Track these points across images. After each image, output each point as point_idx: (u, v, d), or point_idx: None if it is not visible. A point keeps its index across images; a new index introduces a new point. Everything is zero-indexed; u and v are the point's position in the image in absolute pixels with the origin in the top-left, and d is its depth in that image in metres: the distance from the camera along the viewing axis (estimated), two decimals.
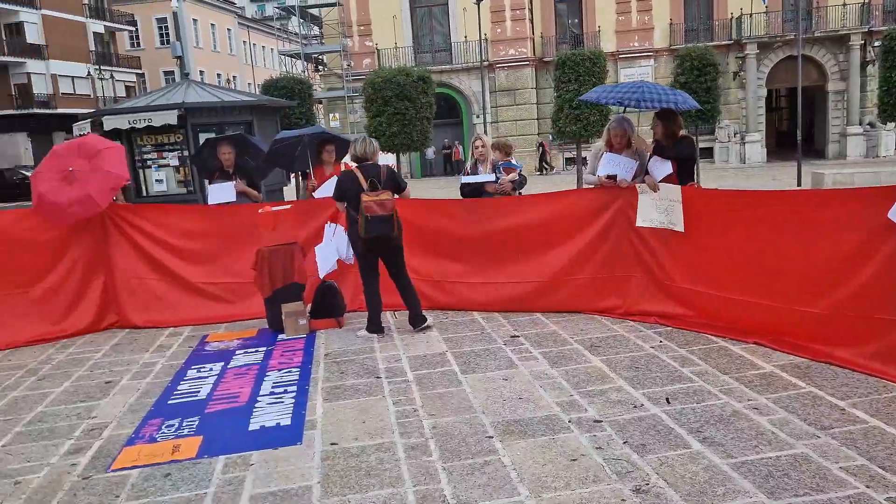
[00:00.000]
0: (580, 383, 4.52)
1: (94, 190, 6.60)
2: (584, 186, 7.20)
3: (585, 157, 9.18)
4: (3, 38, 46.18)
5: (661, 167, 5.85)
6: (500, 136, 7.10)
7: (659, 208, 5.79)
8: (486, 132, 25.68)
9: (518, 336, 5.74)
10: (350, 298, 6.79)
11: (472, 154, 7.24)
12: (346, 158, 7.04)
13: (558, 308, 6.32)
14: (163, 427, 4.26)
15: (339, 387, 4.79)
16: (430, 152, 33.17)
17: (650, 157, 5.97)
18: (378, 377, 4.93)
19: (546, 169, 32.52)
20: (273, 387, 4.89)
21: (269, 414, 4.37)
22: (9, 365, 5.91)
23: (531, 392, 4.44)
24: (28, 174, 32.05)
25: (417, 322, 6.05)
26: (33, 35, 47.47)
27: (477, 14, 28.60)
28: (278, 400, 4.62)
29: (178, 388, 5.01)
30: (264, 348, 5.91)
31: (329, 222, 6.68)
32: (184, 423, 4.29)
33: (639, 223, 5.94)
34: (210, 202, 7.30)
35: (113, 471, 3.68)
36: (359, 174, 5.83)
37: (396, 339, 5.88)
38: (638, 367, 4.75)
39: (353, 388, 4.73)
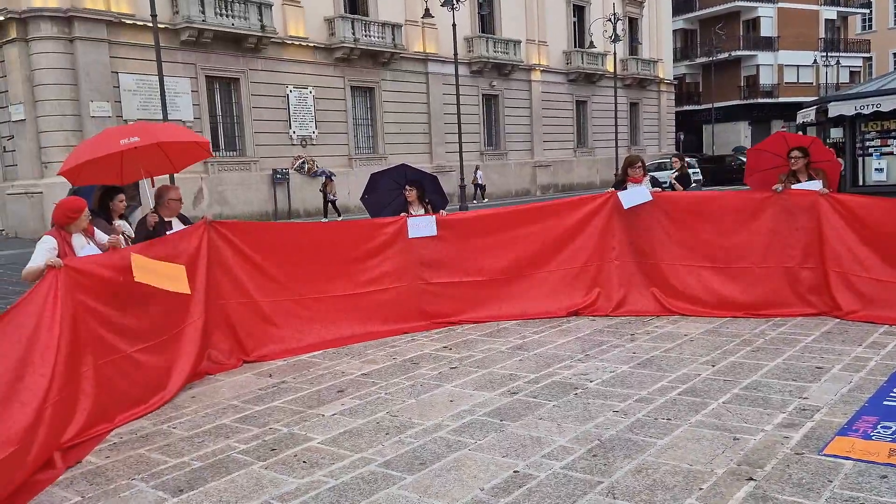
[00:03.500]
0: None
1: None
2: None
3: None
4: (741, 33, 49.81)
5: None
6: None
7: None
8: None
9: None
10: None
11: None
12: None
13: None
14: (878, 426, 4.07)
15: None
16: None
17: None
18: None
19: None
20: None
21: None
22: (727, 332, 6.55)
23: None
24: (744, 160, 34.23)
25: None
26: (767, 28, 49.86)
27: None
28: None
29: (895, 391, 4.69)
30: None
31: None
32: None
33: None
34: None
35: (825, 455, 3.73)
36: None
37: None
38: None
39: None
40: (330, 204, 25.60)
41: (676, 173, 11.83)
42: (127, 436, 4.71)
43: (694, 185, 7.66)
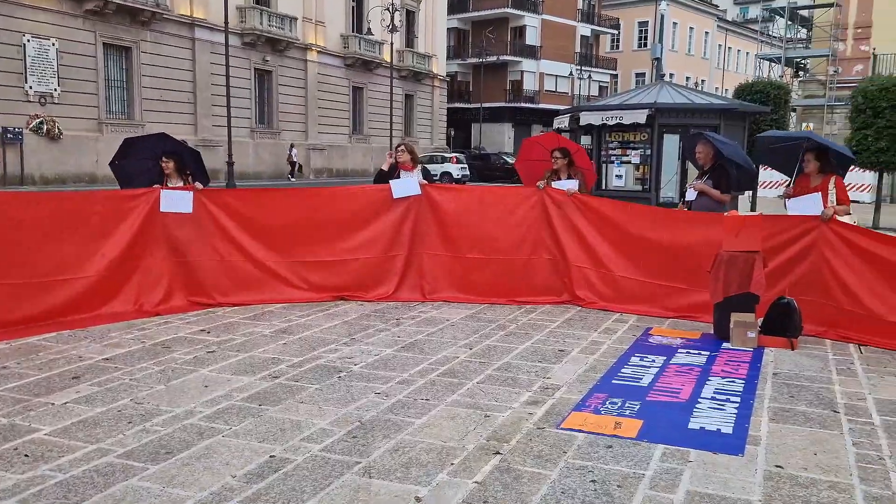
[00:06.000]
0: None
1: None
2: None
3: None
4: (508, 39, 52.93)
5: None
6: None
7: None
8: None
9: None
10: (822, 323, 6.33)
11: None
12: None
13: None
14: (607, 402, 4.52)
15: (787, 410, 4.47)
16: None
17: None
18: (835, 411, 4.46)
19: None
20: (715, 392, 4.80)
21: (711, 417, 4.30)
22: (485, 318, 6.92)
23: None
24: (508, 160, 36.95)
25: None
26: (532, 38, 53.52)
27: None
28: (720, 406, 4.51)
29: (622, 371, 5.25)
30: (707, 352, 5.82)
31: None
32: (626, 405, 4.49)
33: None
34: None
35: (562, 429, 4.06)
36: None
37: (861, 377, 5.22)
38: None
39: (803, 416, 4.37)
40: None
41: None
42: None
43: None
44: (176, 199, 7.07)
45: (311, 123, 37.86)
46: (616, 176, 17.47)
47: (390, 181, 7.76)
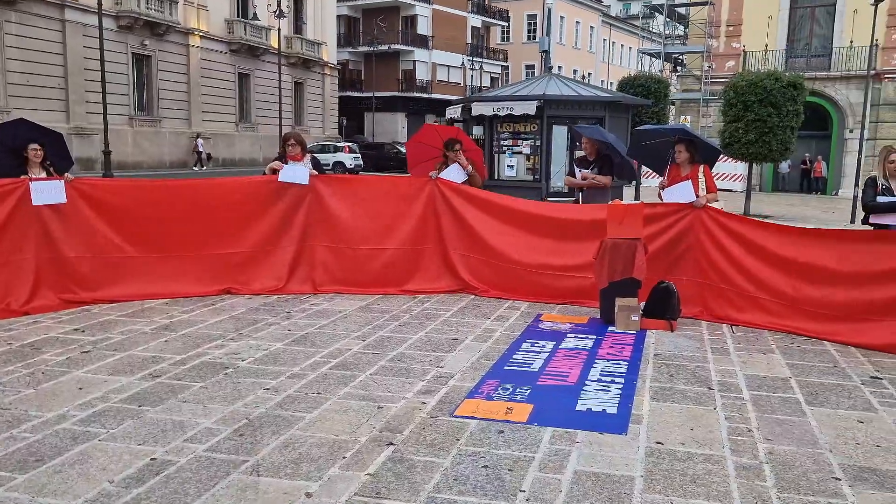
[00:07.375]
0: None
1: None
2: None
3: None
4: (400, 28, 52.71)
5: None
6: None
7: None
8: (861, 149, 22.69)
9: (881, 378, 5.04)
10: (698, 305, 6.68)
11: (883, 170, 6.42)
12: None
13: None
14: (499, 388, 4.60)
15: (667, 389, 4.69)
16: (784, 166, 30.37)
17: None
18: (710, 388, 4.72)
19: None
20: (601, 374, 4.97)
21: (597, 399, 4.46)
22: (378, 308, 6.87)
23: (894, 442, 3.88)
24: (402, 150, 36.88)
25: None
26: (423, 27, 53.49)
27: (872, 16, 25.26)
28: (605, 388, 4.68)
29: (514, 357, 5.36)
30: (594, 337, 6.02)
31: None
32: (517, 390, 4.58)
33: None
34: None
35: (455, 416, 4.09)
36: None
37: (733, 355, 5.56)
38: None
39: (681, 394, 4.60)
40: None
41: None
42: None
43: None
44: (47, 191, 6.60)
45: (194, 111, 36.37)
46: (508, 166, 17.78)
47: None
